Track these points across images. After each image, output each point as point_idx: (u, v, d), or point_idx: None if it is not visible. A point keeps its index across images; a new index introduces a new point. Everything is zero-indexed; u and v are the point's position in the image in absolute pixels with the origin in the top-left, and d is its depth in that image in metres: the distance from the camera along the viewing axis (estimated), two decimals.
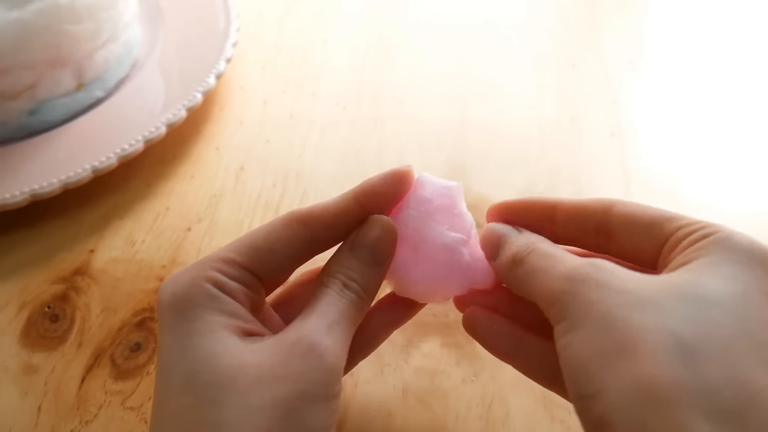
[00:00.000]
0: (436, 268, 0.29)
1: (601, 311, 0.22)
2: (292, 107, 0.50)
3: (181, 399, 0.23)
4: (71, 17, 0.43)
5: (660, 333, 0.21)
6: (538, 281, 0.25)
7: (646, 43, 0.56)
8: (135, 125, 0.44)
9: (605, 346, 0.21)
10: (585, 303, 0.23)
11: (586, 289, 0.23)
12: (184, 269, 0.26)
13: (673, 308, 0.21)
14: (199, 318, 0.25)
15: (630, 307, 0.22)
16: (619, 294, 0.22)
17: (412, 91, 0.52)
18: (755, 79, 0.52)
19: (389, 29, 0.57)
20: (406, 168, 0.29)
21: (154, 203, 0.44)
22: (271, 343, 0.24)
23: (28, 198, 0.40)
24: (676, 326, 0.21)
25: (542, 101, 0.51)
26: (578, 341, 0.22)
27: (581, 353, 0.22)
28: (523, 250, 0.27)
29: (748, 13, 0.59)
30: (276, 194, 0.44)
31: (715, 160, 0.46)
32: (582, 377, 0.22)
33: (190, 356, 0.24)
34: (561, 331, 0.23)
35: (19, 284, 0.39)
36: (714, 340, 0.21)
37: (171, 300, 0.25)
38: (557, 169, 0.46)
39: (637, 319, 0.21)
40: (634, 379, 0.20)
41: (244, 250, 0.27)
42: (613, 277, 0.23)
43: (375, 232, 0.28)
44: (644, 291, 0.22)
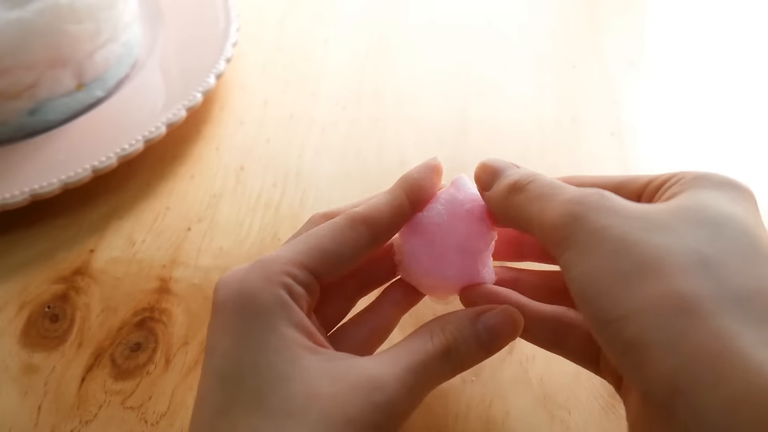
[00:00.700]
0: (445, 267, 0.29)
1: (616, 235, 0.22)
2: (292, 107, 0.50)
3: (248, 418, 0.22)
4: (71, 17, 0.43)
5: (682, 252, 0.21)
6: (539, 207, 0.25)
7: (647, 43, 0.56)
8: (135, 125, 0.44)
9: (627, 268, 0.21)
10: (596, 228, 0.23)
11: (595, 215, 0.23)
12: (250, 267, 0.25)
13: (687, 230, 0.22)
14: (273, 330, 0.24)
15: (646, 230, 0.22)
16: (632, 219, 0.22)
17: (413, 91, 0.52)
18: (755, 79, 0.52)
19: (389, 29, 0.57)
20: (438, 161, 0.30)
21: (154, 203, 0.44)
22: (347, 373, 0.24)
23: (28, 198, 0.40)
24: (695, 244, 0.21)
25: (542, 101, 0.51)
26: (595, 266, 0.22)
27: (602, 278, 0.22)
28: (524, 179, 0.26)
29: (748, 13, 0.59)
30: (276, 194, 0.44)
31: (715, 160, 0.46)
32: (606, 302, 0.22)
33: (264, 374, 0.23)
34: (571, 259, 0.23)
35: (19, 284, 0.39)
36: (733, 254, 0.21)
37: (239, 301, 0.24)
38: (557, 169, 0.46)
39: (656, 240, 0.22)
40: (665, 296, 0.20)
41: (312, 252, 0.26)
42: (620, 204, 0.23)
43: (504, 321, 0.27)
44: (654, 216, 0.23)
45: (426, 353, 0.25)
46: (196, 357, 0.36)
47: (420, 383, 0.25)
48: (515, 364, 0.35)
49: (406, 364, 0.25)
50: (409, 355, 0.25)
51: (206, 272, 0.40)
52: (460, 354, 0.26)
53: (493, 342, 0.27)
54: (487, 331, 0.27)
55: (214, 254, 0.41)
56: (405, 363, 0.25)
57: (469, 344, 0.26)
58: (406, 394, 0.24)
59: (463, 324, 0.27)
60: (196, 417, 0.24)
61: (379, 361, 0.25)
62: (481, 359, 0.27)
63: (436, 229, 0.29)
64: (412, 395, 0.24)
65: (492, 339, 0.27)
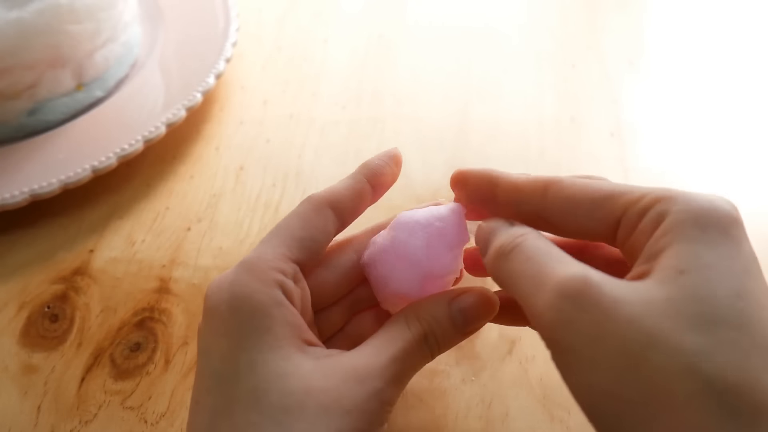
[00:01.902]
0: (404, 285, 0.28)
1: (611, 348, 0.20)
2: (292, 107, 0.50)
3: (247, 415, 0.23)
4: (71, 17, 0.43)
5: (687, 379, 0.19)
6: (524, 288, 0.23)
7: (646, 42, 0.56)
8: (135, 125, 0.44)
9: (630, 395, 0.20)
10: (588, 337, 0.21)
11: (588, 316, 0.21)
12: (238, 270, 0.26)
13: (688, 340, 0.19)
14: (269, 330, 0.24)
15: (644, 345, 0.20)
16: (626, 324, 0.20)
17: (412, 91, 0.52)
18: (755, 79, 0.52)
19: (389, 29, 0.57)
20: (397, 151, 0.30)
21: (154, 203, 0.44)
22: (337, 368, 0.24)
23: (28, 198, 0.40)
24: (700, 365, 0.19)
25: (542, 101, 0.51)
26: (597, 385, 0.20)
27: (602, 398, 0.20)
28: (507, 243, 0.24)
29: (748, 12, 0.59)
30: (276, 194, 0.44)
31: (715, 160, 0.46)
32: (607, 420, 0.20)
33: (260, 372, 0.24)
34: (568, 365, 0.22)
35: (19, 284, 0.39)
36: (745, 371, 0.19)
37: (234, 304, 0.25)
38: (557, 168, 0.46)
39: (657, 360, 0.19)
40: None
41: (289, 243, 0.27)
42: (611, 298, 0.21)
43: (478, 303, 0.27)
44: (650, 318, 0.20)
45: (405, 341, 0.26)
46: (195, 357, 0.36)
47: (403, 370, 0.26)
48: (515, 364, 0.35)
49: (389, 353, 0.25)
50: (391, 345, 0.26)
51: (206, 272, 0.40)
52: (436, 338, 0.27)
53: (468, 324, 0.27)
54: (461, 313, 0.27)
55: (213, 254, 0.41)
56: (388, 353, 0.25)
57: (444, 328, 0.27)
58: (393, 381, 0.25)
59: (437, 309, 0.27)
60: (194, 419, 0.24)
61: (364, 353, 0.25)
62: (458, 341, 0.28)
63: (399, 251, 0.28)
64: (397, 381, 0.26)
65: (467, 321, 0.27)
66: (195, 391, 0.25)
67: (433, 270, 0.28)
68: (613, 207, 0.24)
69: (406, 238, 0.28)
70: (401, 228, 0.28)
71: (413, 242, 0.28)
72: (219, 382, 0.24)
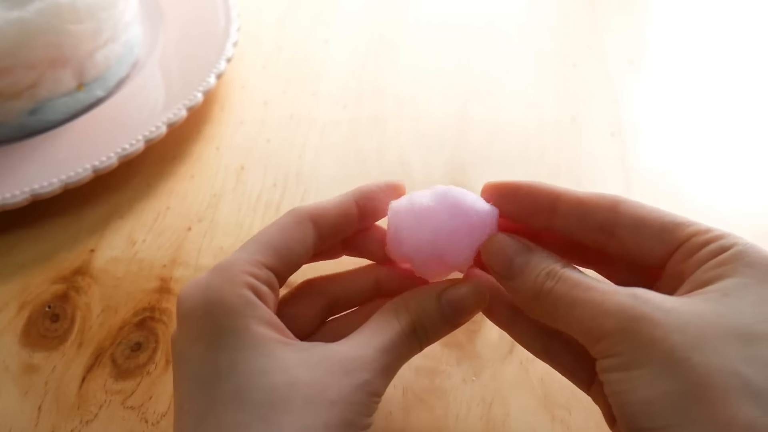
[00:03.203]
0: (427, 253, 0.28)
1: (662, 351, 0.22)
2: (292, 107, 0.50)
3: (232, 415, 0.23)
4: (72, 17, 0.43)
5: (726, 375, 0.21)
6: (577, 314, 0.24)
7: (647, 42, 0.56)
8: (135, 125, 0.44)
9: (671, 388, 0.22)
10: (644, 343, 0.22)
11: (641, 328, 0.23)
12: (211, 274, 0.26)
13: (730, 347, 0.22)
14: (245, 329, 0.24)
15: (691, 348, 0.22)
16: (676, 333, 0.22)
17: (413, 91, 0.52)
18: (756, 79, 0.52)
19: (390, 29, 0.57)
20: (400, 182, 0.30)
21: (155, 203, 0.44)
22: (323, 358, 0.24)
23: (29, 198, 0.40)
24: (738, 367, 0.21)
25: (543, 101, 0.51)
26: (640, 380, 0.22)
27: (645, 392, 0.22)
28: (548, 279, 0.26)
29: (749, 12, 0.59)
30: (276, 194, 0.44)
31: (715, 160, 0.46)
32: (646, 414, 0.22)
33: (241, 371, 0.23)
34: (613, 366, 0.23)
35: (20, 284, 0.39)
36: None
37: (207, 308, 0.25)
38: (557, 168, 0.46)
39: (699, 359, 0.22)
40: (709, 422, 0.21)
41: (264, 250, 0.27)
42: (663, 312, 0.23)
43: (468, 295, 0.28)
44: (696, 327, 0.22)
45: (394, 332, 0.26)
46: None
47: (392, 361, 0.26)
48: (516, 364, 0.35)
49: (378, 344, 0.25)
50: (379, 336, 0.26)
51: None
52: (425, 329, 0.27)
53: (457, 316, 0.28)
54: (450, 305, 0.27)
55: (214, 254, 0.41)
56: (376, 344, 0.25)
57: (433, 320, 0.27)
58: (381, 372, 0.25)
59: (426, 300, 0.27)
60: (180, 426, 0.24)
61: (351, 344, 0.25)
62: (447, 332, 0.28)
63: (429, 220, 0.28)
64: (386, 373, 0.25)
65: (456, 313, 0.27)
66: (177, 397, 0.25)
67: (446, 256, 0.28)
68: (681, 233, 0.26)
69: (440, 214, 0.28)
70: (442, 202, 0.28)
71: (446, 221, 0.28)
72: (201, 385, 0.24)
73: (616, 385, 0.23)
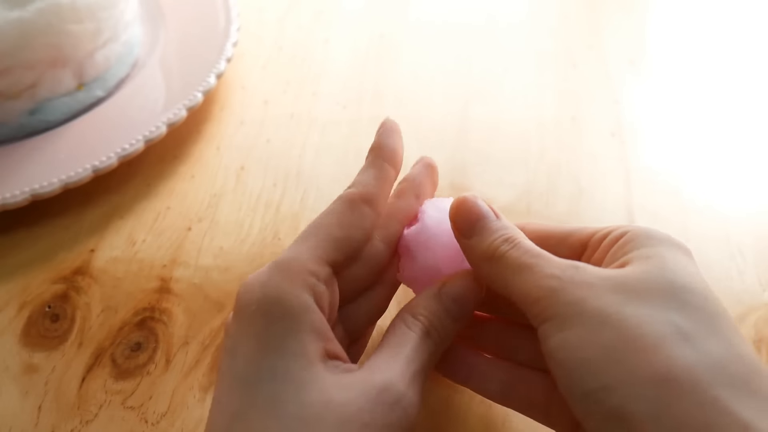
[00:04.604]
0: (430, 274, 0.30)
1: (594, 307, 0.23)
2: (292, 107, 0.50)
3: (265, 422, 0.23)
4: (72, 17, 0.43)
5: (658, 323, 0.22)
6: (520, 279, 0.25)
7: (647, 42, 0.56)
8: (135, 125, 0.44)
9: (607, 341, 0.22)
10: (573, 300, 0.24)
11: (571, 287, 0.24)
12: (271, 270, 0.26)
13: (659, 300, 0.23)
14: (295, 335, 0.24)
15: (621, 302, 0.23)
16: (606, 290, 0.24)
17: (413, 91, 0.52)
18: (756, 79, 0.52)
19: (390, 28, 0.57)
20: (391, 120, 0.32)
21: (155, 203, 0.44)
22: (356, 382, 0.24)
23: (29, 198, 0.40)
24: (669, 315, 0.22)
25: (543, 101, 0.51)
26: (574, 339, 0.23)
27: (581, 352, 0.23)
28: (503, 246, 0.26)
29: (749, 12, 0.59)
30: (276, 194, 0.44)
31: (715, 160, 0.46)
32: (585, 373, 0.22)
33: (281, 379, 0.23)
34: (549, 330, 0.24)
35: (20, 284, 0.39)
36: (702, 323, 0.23)
37: (263, 306, 0.25)
38: (558, 168, 0.46)
39: (633, 312, 0.23)
40: (647, 368, 0.21)
41: (326, 245, 0.27)
42: (593, 275, 0.24)
43: (466, 287, 0.28)
44: (626, 286, 0.24)
45: (412, 341, 0.26)
46: (196, 357, 0.36)
47: (419, 372, 0.26)
48: None
49: (402, 358, 0.25)
50: (400, 350, 0.26)
51: (207, 272, 0.40)
52: (438, 331, 0.27)
53: (461, 309, 0.28)
54: (453, 301, 0.28)
55: (214, 254, 0.41)
56: (400, 359, 0.25)
57: (441, 318, 0.27)
58: (411, 386, 0.25)
59: (430, 304, 0.28)
60: (213, 419, 0.24)
61: (377, 367, 0.25)
62: (457, 328, 0.28)
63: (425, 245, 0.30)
64: (415, 384, 0.25)
65: (459, 307, 0.28)
66: (218, 389, 0.25)
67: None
68: (581, 235, 0.28)
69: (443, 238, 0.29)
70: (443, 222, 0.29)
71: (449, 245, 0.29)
72: (241, 384, 0.24)
73: (556, 352, 0.23)
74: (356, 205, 0.28)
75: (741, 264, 0.39)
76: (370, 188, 0.28)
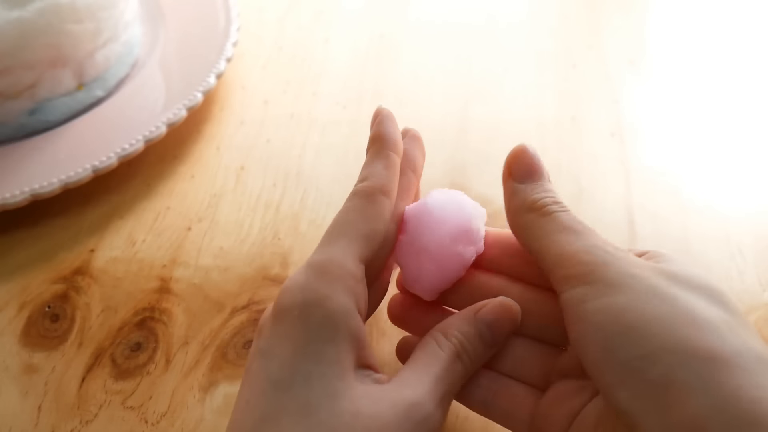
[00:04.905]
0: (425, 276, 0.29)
1: (646, 282, 0.24)
2: (292, 107, 0.50)
3: (295, 427, 0.23)
4: (72, 17, 0.43)
5: (707, 310, 0.23)
6: (567, 239, 0.26)
7: (648, 42, 0.56)
8: (135, 125, 0.44)
9: (657, 313, 0.23)
10: (626, 272, 0.24)
11: (620, 261, 0.25)
12: (309, 273, 0.25)
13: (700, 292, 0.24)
14: (333, 341, 0.24)
15: (673, 285, 0.24)
16: (653, 272, 0.24)
17: (413, 91, 0.52)
18: (756, 79, 0.52)
19: (390, 28, 0.57)
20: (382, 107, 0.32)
21: (155, 203, 0.44)
22: (386, 396, 0.24)
23: (28, 198, 0.40)
24: (713, 306, 0.23)
25: (543, 101, 0.51)
26: (620, 305, 0.23)
27: (626, 318, 0.23)
28: (558, 207, 0.27)
29: (749, 12, 0.59)
30: (276, 194, 0.44)
31: (715, 160, 0.46)
32: (629, 339, 0.23)
33: (314, 386, 0.23)
34: (589, 293, 0.24)
35: (20, 284, 0.39)
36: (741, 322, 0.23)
37: (307, 309, 0.25)
38: (558, 168, 0.46)
39: (682, 294, 0.23)
40: (698, 343, 0.22)
41: (356, 243, 0.26)
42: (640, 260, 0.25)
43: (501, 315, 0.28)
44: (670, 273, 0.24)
45: (443, 362, 0.26)
46: (196, 357, 0.36)
47: (447, 392, 0.26)
48: None
49: (431, 377, 0.25)
50: (430, 369, 0.26)
51: (206, 272, 0.40)
52: (468, 355, 0.27)
53: (496, 336, 0.28)
54: (488, 327, 0.27)
55: (214, 254, 0.41)
56: (430, 377, 0.25)
57: (474, 344, 0.27)
58: (439, 404, 0.25)
59: (463, 326, 0.27)
60: (241, 418, 0.24)
61: (407, 381, 0.25)
62: (489, 353, 0.28)
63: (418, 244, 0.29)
64: (443, 405, 0.25)
65: (494, 334, 0.28)
66: (247, 389, 0.25)
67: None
68: None
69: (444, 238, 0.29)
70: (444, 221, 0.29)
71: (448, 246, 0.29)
72: (274, 387, 0.24)
73: (594, 315, 0.23)
74: (376, 198, 0.28)
75: (741, 264, 0.39)
76: (383, 179, 0.28)
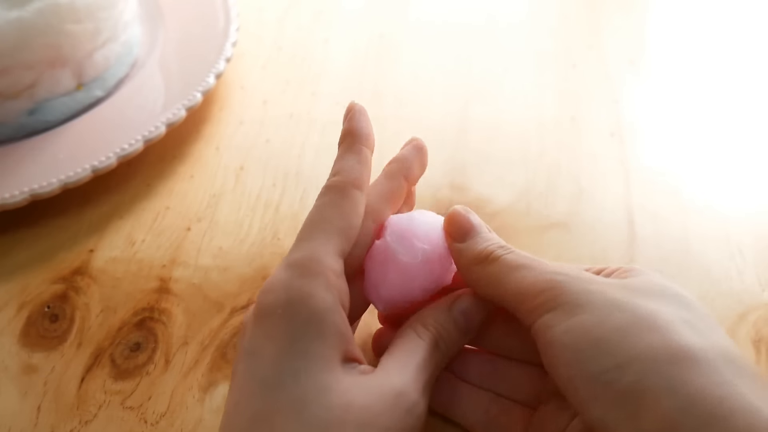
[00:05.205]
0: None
1: (604, 297, 0.25)
2: (292, 107, 0.50)
3: (287, 424, 0.23)
4: (71, 17, 0.43)
5: (667, 313, 0.24)
6: (520, 275, 0.26)
7: (647, 42, 0.56)
8: (135, 125, 0.44)
9: (620, 323, 0.23)
10: (583, 290, 0.25)
11: (578, 281, 0.25)
12: (291, 271, 0.26)
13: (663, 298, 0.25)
14: (319, 337, 0.24)
15: (631, 295, 0.25)
16: (614, 286, 0.25)
17: (413, 91, 0.52)
18: (756, 79, 0.52)
19: (390, 28, 0.57)
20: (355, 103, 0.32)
21: (154, 203, 0.44)
22: (374, 386, 0.24)
23: (28, 198, 0.40)
24: (674, 309, 0.24)
25: (543, 101, 0.51)
26: (585, 323, 0.24)
27: (592, 333, 0.24)
28: (501, 250, 0.28)
29: (749, 12, 0.59)
30: (276, 194, 0.44)
31: (715, 160, 0.46)
32: (598, 353, 0.23)
33: (304, 382, 0.24)
34: (554, 319, 0.25)
35: (19, 284, 0.39)
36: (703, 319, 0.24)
37: (291, 308, 0.25)
38: (557, 168, 0.45)
39: (643, 303, 0.24)
40: (662, 347, 0.23)
41: (334, 238, 0.27)
42: (597, 276, 0.27)
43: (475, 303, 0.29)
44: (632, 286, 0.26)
45: (423, 350, 0.27)
46: (195, 357, 0.36)
47: (428, 379, 0.26)
48: None
49: (414, 366, 0.26)
50: (412, 358, 0.26)
51: (206, 272, 0.40)
52: (446, 342, 0.28)
53: (468, 323, 0.29)
54: (461, 314, 0.28)
55: (213, 254, 0.41)
56: (412, 366, 0.26)
57: (449, 331, 0.28)
58: (423, 392, 0.26)
59: (440, 315, 0.28)
60: (232, 421, 0.24)
61: (392, 370, 0.26)
62: (463, 341, 0.29)
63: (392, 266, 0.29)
64: (426, 392, 0.26)
65: (467, 321, 0.29)
66: (236, 391, 0.25)
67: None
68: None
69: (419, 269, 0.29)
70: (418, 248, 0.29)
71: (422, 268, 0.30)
72: (263, 387, 0.24)
73: (563, 337, 0.24)
74: (349, 192, 0.28)
75: (741, 264, 0.39)
76: (355, 173, 0.29)
